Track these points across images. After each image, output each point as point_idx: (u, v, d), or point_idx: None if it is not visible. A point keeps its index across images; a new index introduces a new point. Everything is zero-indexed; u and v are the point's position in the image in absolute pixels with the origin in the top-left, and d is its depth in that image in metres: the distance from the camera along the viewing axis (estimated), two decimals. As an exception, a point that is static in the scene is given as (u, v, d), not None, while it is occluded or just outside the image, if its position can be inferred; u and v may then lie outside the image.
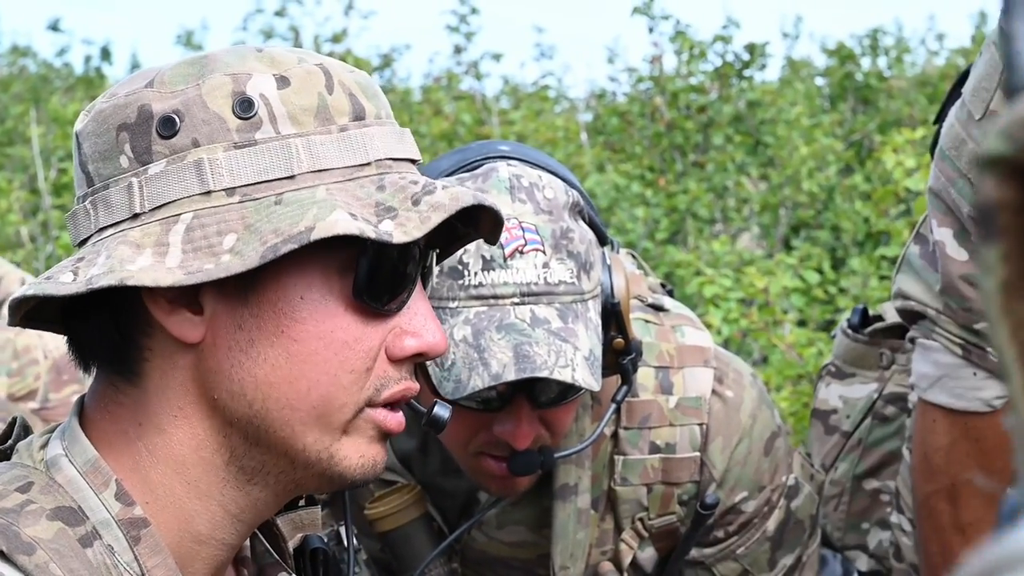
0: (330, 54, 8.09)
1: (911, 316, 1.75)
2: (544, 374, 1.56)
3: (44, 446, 1.11)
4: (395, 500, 1.78)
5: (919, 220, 1.75)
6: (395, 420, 1.13)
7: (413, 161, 1.14)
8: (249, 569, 1.20)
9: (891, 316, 2.03)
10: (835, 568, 2.93)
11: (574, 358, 1.59)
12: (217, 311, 1.08)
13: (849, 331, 2.07)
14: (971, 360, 1.69)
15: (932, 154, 1.78)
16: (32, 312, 1.08)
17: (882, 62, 9.58)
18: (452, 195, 1.08)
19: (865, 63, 9.31)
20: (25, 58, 10.95)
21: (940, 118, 1.90)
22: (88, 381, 1.16)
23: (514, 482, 1.73)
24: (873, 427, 2.01)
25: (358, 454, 1.12)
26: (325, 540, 1.28)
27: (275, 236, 1.03)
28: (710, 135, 7.76)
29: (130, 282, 1.01)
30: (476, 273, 1.61)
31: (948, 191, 1.64)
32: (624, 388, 1.74)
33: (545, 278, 1.61)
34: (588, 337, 1.62)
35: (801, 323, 5.50)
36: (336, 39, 8.31)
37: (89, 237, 1.09)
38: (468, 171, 1.67)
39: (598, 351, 1.64)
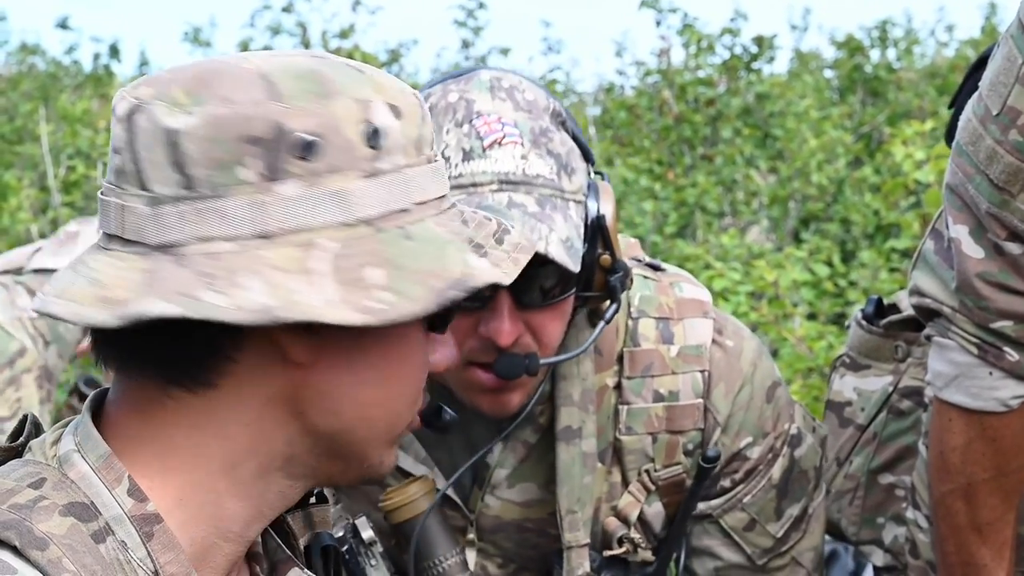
0: (337, 50, 8.10)
1: (927, 313, 1.74)
2: None
3: (56, 442, 1.10)
4: (409, 491, 1.79)
5: (929, 212, 1.74)
6: (417, 422, 1.19)
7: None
8: (261, 565, 1.20)
9: (906, 306, 2.01)
10: (847, 562, 2.92)
11: (549, 236, 1.62)
12: (330, 335, 1.08)
13: (864, 322, 2.05)
14: (987, 359, 1.68)
15: (946, 141, 1.77)
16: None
17: (891, 54, 9.57)
18: (524, 235, 1.14)
19: (874, 55, 9.30)
20: (34, 56, 10.99)
21: (953, 103, 1.89)
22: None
23: (506, 397, 1.74)
24: (888, 421, 2.00)
25: (394, 456, 1.17)
26: (335, 537, 1.29)
27: (433, 278, 1.06)
28: (719, 128, 7.76)
29: (323, 320, 1.01)
30: (456, 164, 1.65)
31: (965, 187, 1.63)
32: (613, 307, 1.76)
33: (523, 169, 1.65)
34: (567, 227, 1.65)
35: (811, 316, 5.49)
36: (344, 35, 8.31)
37: (181, 243, 1.04)
38: (453, 78, 1.73)
39: (578, 244, 1.66)
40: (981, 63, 1.72)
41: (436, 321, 1.15)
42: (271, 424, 1.09)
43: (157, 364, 1.07)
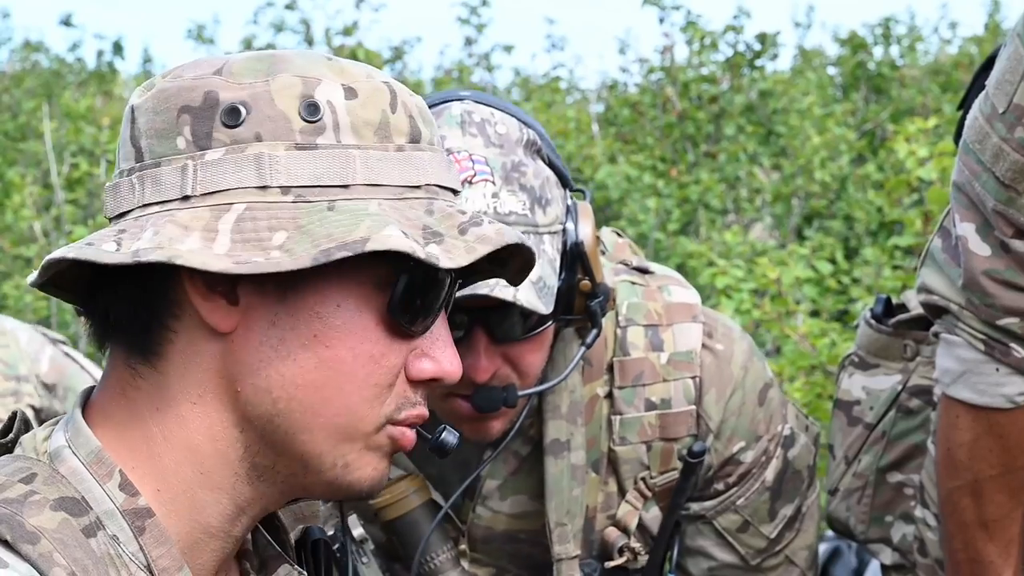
0: (341, 47, 8.10)
1: (934, 310, 1.74)
2: (484, 291, 1.57)
3: (47, 438, 1.10)
4: (399, 488, 1.79)
5: (931, 210, 1.75)
6: (410, 438, 1.15)
7: (455, 192, 1.16)
8: (251, 561, 1.19)
9: (915, 306, 2.01)
10: (849, 559, 2.92)
11: None
12: (253, 304, 1.08)
13: (872, 321, 2.05)
14: (994, 356, 1.68)
15: (955, 141, 1.77)
16: (56, 278, 1.08)
17: (894, 51, 9.57)
18: (497, 230, 1.10)
19: (877, 52, 9.30)
20: (37, 53, 10.99)
21: (963, 105, 1.89)
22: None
23: (485, 425, 1.73)
24: (897, 420, 2.00)
25: (371, 468, 1.13)
26: (326, 531, 1.29)
27: (328, 241, 1.04)
28: (722, 125, 7.76)
29: (178, 261, 1.01)
30: None
31: (972, 185, 1.63)
32: (594, 332, 1.75)
33: (495, 208, 1.63)
34: (539, 266, 1.63)
35: (814, 313, 5.49)
36: (347, 32, 8.31)
37: (130, 211, 1.08)
38: None
39: (551, 281, 1.65)
40: (989, 63, 1.72)
41: (402, 319, 1.10)
42: (215, 404, 1.09)
43: (117, 331, 1.10)
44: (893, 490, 2.00)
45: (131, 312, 1.09)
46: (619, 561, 1.87)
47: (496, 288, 1.57)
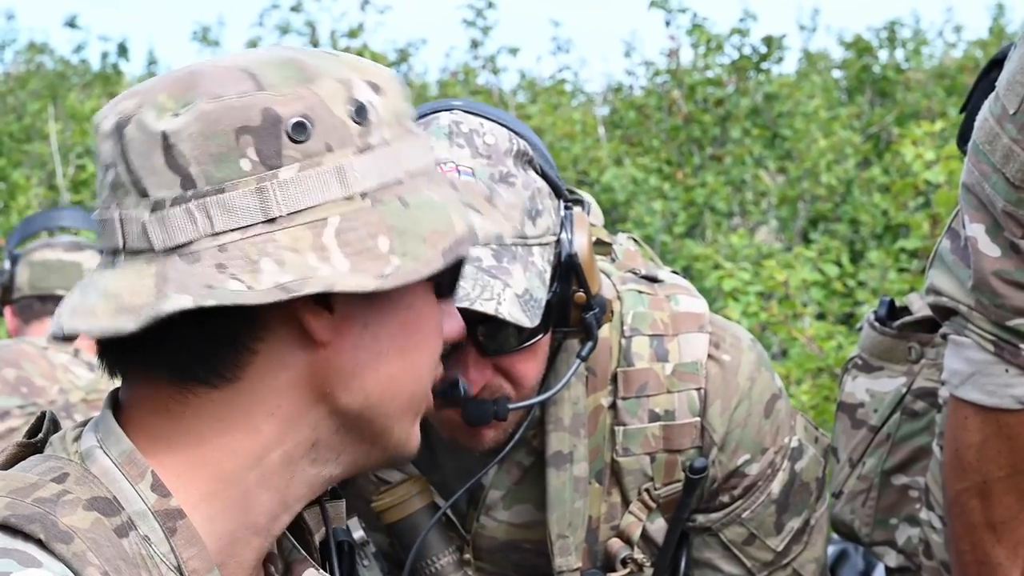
0: (346, 49, 8.11)
1: (943, 312, 1.74)
2: (464, 305, 1.56)
3: (77, 439, 1.10)
4: (401, 491, 1.79)
5: (938, 213, 1.74)
6: (430, 399, 1.18)
7: None
8: (276, 565, 1.19)
9: (918, 308, 2.01)
10: (857, 562, 2.93)
11: (502, 293, 1.59)
12: (346, 311, 1.09)
13: (876, 324, 2.04)
14: (1003, 357, 1.68)
15: (958, 144, 1.76)
16: None
17: (900, 54, 9.58)
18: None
19: (883, 55, 9.31)
20: (42, 55, 11.00)
21: (965, 108, 1.88)
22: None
23: (480, 434, 1.73)
24: (902, 422, 1.99)
25: (416, 434, 1.17)
26: (349, 533, 1.29)
27: (440, 238, 1.08)
28: (728, 128, 7.76)
29: (338, 288, 1.03)
30: None
31: (982, 186, 1.63)
32: (589, 344, 1.74)
33: None
34: (526, 278, 1.62)
35: (820, 316, 5.50)
36: (352, 34, 8.33)
37: (191, 242, 1.05)
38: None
39: (539, 294, 1.64)
40: (993, 65, 1.72)
41: (443, 288, 1.16)
42: (295, 410, 1.09)
43: (173, 367, 1.08)
44: (898, 492, 2.00)
45: (203, 341, 1.07)
46: (623, 573, 1.86)
47: (477, 301, 1.57)
